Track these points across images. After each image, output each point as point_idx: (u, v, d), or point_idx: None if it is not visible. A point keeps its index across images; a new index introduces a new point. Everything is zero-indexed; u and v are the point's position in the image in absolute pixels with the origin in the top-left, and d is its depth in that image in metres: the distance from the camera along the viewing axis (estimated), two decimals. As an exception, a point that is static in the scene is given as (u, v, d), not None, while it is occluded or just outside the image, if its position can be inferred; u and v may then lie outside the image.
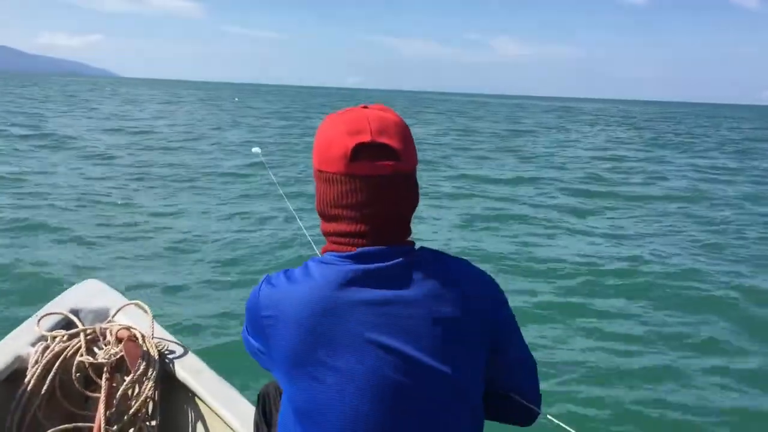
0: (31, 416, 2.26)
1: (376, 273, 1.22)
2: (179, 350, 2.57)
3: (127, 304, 2.69)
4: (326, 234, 1.31)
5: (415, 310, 1.20)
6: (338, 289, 1.20)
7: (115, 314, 2.64)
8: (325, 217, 1.30)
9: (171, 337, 2.65)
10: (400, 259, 1.24)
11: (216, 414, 2.33)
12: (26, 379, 2.27)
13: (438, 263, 1.27)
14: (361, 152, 1.22)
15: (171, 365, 2.48)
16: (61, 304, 2.67)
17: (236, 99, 73.36)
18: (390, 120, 1.27)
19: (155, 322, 2.61)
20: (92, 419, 2.38)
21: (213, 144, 21.71)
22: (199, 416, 2.44)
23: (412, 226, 1.33)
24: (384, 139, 1.23)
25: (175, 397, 2.50)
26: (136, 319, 2.65)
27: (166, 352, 2.54)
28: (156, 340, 2.53)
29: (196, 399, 2.43)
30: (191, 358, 2.55)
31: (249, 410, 2.27)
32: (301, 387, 1.20)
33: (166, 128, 27.60)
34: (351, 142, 1.22)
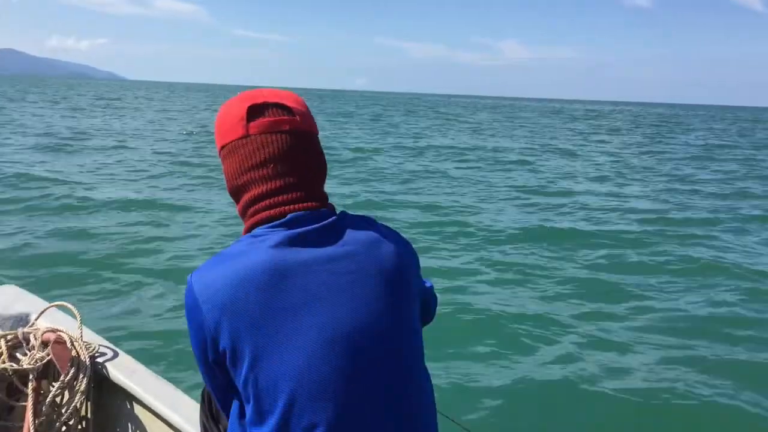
0: None
1: (311, 234, 1.22)
2: (111, 351, 2.43)
3: (50, 307, 2.52)
4: (244, 210, 1.29)
5: (355, 265, 1.22)
6: (276, 255, 1.18)
7: (37, 318, 2.47)
8: (238, 190, 1.28)
9: (101, 339, 2.51)
10: (331, 219, 1.26)
11: (156, 414, 2.22)
12: None
13: (365, 224, 1.31)
14: (256, 112, 1.24)
15: (103, 367, 2.34)
16: None
17: None
18: (284, 91, 1.31)
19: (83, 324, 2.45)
20: (18, 430, 2.22)
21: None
22: (139, 418, 2.31)
23: None
24: (277, 100, 1.27)
25: (110, 400, 2.37)
26: (61, 321, 2.50)
27: (97, 354, 2.39)
28: (85, 342, 2.38)
29: (134, 400, 2.31)
30: (125, 359, 2.41)
31: (192, 407, 2.17)
32: (253, 361, 1.16)
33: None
34: (244, 105, 1.25)
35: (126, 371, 2.33)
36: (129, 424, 2.34)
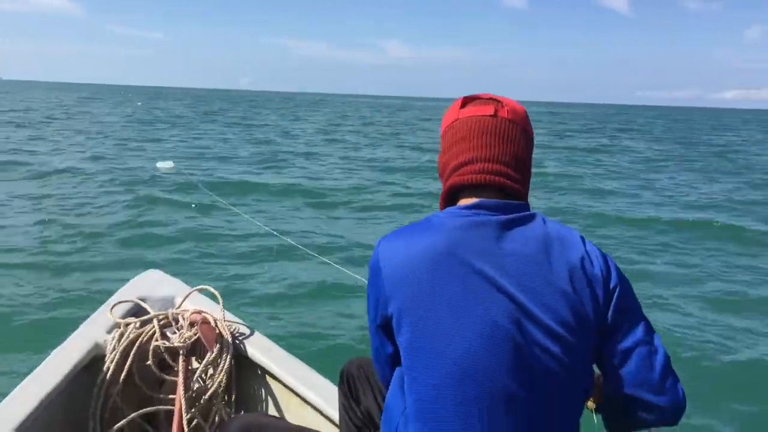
0: (112, 401, 2.30)
1: (493, 225, 1.25)
2: (249, 332, 2.58)
3: (194, 290, 2.71)
4: (444, 181, 1.39)
5: (531, 266, 1.21)
6: (454, 239, 1.23)
7: (183, 300, 2.66)
8: (443, 165, 1.41)
9: (239, 320, 2.67)
10: (518, 214, 1.28)
11: (292, 390, 2.34)
12: (105, 366, 2.31)
13: (555, 227, 1.29)
14: (470, 102, 1.41)
15: (243, 346, 2.50)
16: (129, 293, 2.70)
17: (139, 103, 66.96)
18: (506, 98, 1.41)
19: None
20: (169, 402, 2.41)
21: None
22: (275, 394, 2.45)
23: None
24: (492, 96, 1.40)
25: (248, 376, 2.52)
26: (203, 304, 2.68)
27: (238, 334, 2.55)
28: (227, 323, 2.54)
29: (270, 377, 2.44)
30: (262, 339, 2.56)
31: (325, 385, 2.26)
32: (416, 325, 1.21)
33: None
34: (462, 99, 1.42)
35: (262, 350, 2.47)
36: (267, 400, 2.48)
